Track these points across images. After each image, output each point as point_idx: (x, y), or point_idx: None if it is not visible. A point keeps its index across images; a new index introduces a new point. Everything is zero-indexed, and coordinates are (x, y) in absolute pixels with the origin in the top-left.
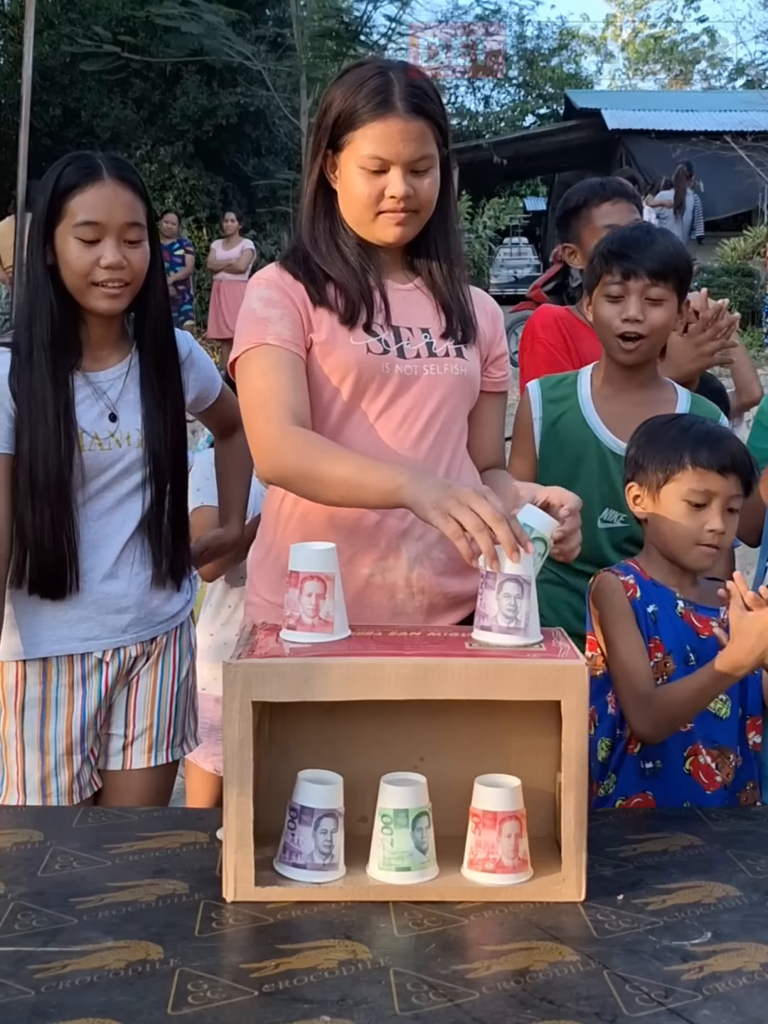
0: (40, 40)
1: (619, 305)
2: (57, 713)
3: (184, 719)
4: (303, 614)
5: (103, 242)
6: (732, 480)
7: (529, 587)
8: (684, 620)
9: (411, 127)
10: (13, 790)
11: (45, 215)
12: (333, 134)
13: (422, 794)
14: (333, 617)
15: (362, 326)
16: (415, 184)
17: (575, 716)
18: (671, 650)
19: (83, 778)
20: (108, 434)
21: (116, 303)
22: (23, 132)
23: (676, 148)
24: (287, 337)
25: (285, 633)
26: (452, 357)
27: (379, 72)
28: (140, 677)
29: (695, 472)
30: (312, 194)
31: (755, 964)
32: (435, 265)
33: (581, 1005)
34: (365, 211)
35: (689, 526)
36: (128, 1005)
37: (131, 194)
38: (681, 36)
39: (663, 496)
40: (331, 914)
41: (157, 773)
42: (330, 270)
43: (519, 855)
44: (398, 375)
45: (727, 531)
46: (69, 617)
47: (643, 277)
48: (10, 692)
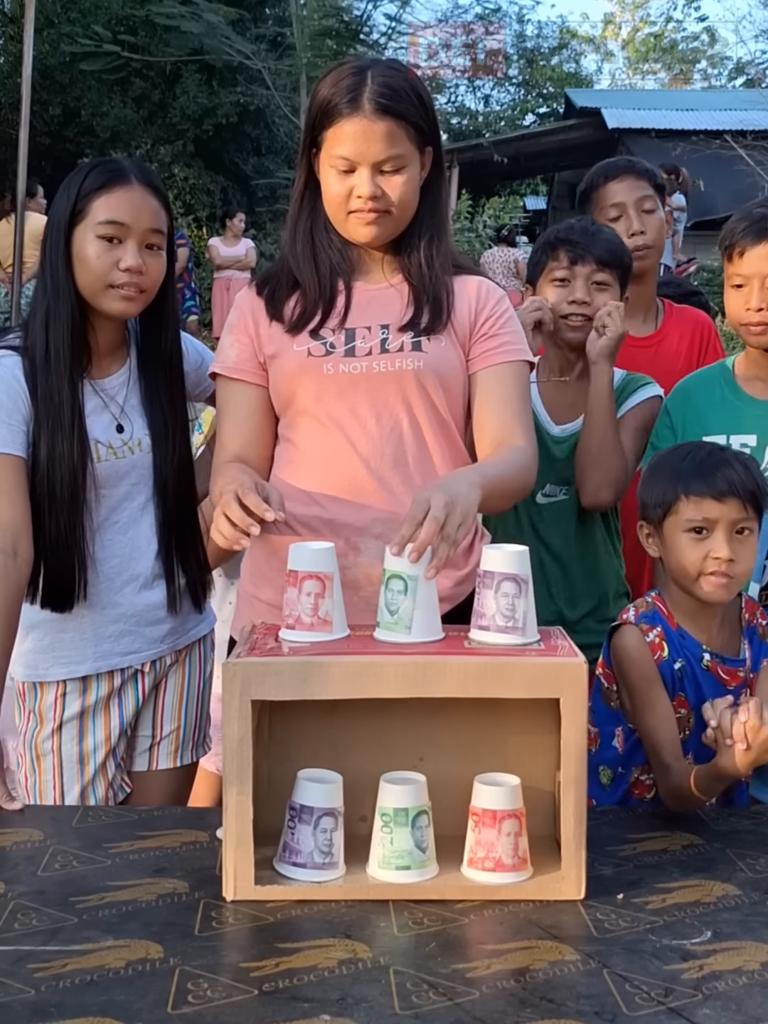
0: (40, 39)
1: (565, 289)
2: (95, 725)
3: (206, 719)
4: (302, 613)
5: (125, 244)
6: (732, 504)
7: (527, 586)
8: (711, 673)
9: (376, 128)
10: (49, 803)
11: (68, 215)
12: (313, 131)
13: (422, 793)
14: (332, 616)
15: (309, 332)
16: (384, 184)
17: (574, 713)
18: (695, 706)
19: (116, 783)
20: (121, 443)
21: (131, 306)
22: (23, 131)
23: (676, 147)
24: (232, 365)
25: (284, 633)
26: (407, 351)
27: (355, 71)
28: (168, 679)
29: (689, 502)
30: (299, 193)
31: (755, 963)
32: (418, 263)
33: (581, 1004)
34: (337, 210)
35: (693, 557)
36: (128, 1004)
37: (157, 202)
38: (681, 35)
39: (666, 531)
40: (331, 913)
41: (180, 773)
42: (298, 273)
43: (519, 853)
44: (343, 374)
45: (738, 557)
46: (111, 632)
47: (590, 262)
48: (48, 708)
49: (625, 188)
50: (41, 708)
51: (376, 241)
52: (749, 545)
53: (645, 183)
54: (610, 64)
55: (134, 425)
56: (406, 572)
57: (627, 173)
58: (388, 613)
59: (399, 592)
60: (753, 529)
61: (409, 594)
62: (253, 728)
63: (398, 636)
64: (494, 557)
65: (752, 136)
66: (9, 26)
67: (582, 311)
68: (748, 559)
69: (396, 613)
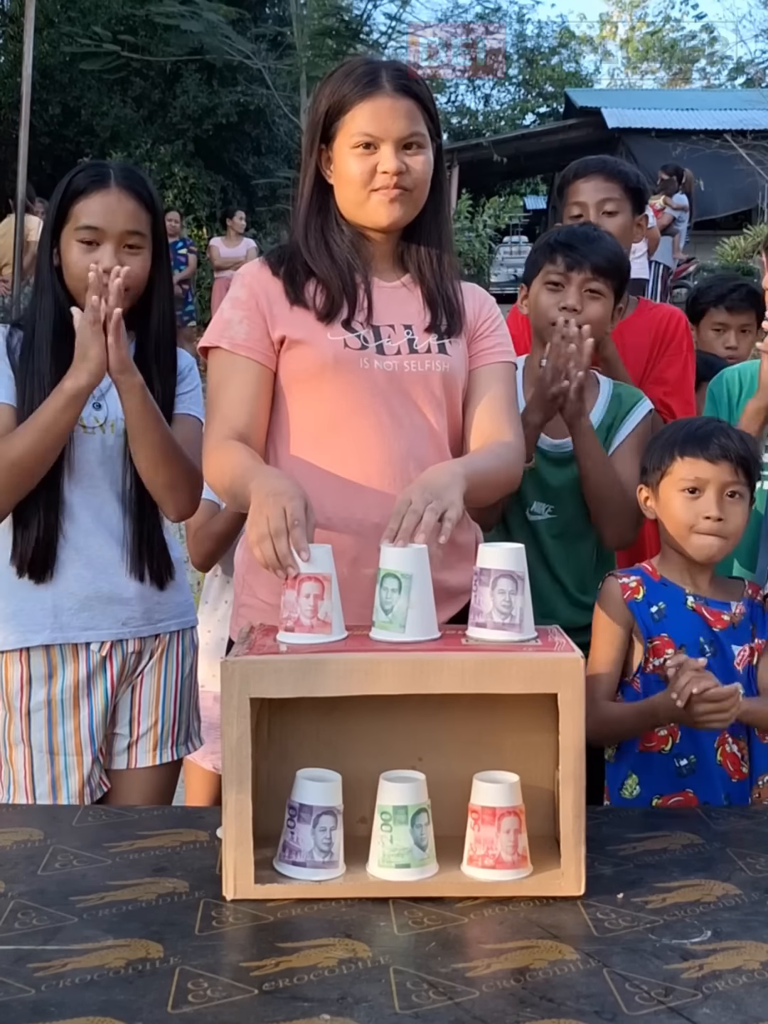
0: (40, 39)
1: (558, 294)
2: (64, 715)
3: (188, 717)
4: (301, 615)
5: (102, 247)
6: (724, 467)
7: (523, 583)
8: (696, 613)
9: (399, 104)
10: (22, 794)
11: (53, 218)
12: (324, 126)
13: (421, 791)
14: (331, 618)
15: (341, 323)
16: (407, 161)
17: (572, 709)
18: (682, 644)
19: (93, 780)
20: (94, 421)
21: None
22: (23, 131)
23: (676, 147)
24: (241, 342)
25: (283, 635)
26: (434, 353)
27: (367, 62)
28: (144, 676)
29: (684, 462)
30: (308, 192)
31: (755, 963)
32: (425, 259)
33: (581, 1003)
34: (359, 191)
35: (685, 514)
36: (128, 1003)
37: (135, 203)
38: (679, 34)
39: (662, 491)
40: (331, 913)
41: (161, 772)
42: (316, 267)
43: (518, 851)
44: (378, 371)
45: (727, 518)
46: (70, 605)
47: (586, 270)
48: (15, 695)
49: (591, 188)
50: (8, 693)
51: (397, 223)
52: (739, 508)
53: (615, 185)
54: (609, 64)
55: (110, 407)
56: (400, 571)
57: (597, 173)
58: (383, 612)
59: (393, 591)
60: (744, 494)
61: (403, 592)
62: (252, 727)
63: (393, 635)
64: (490, 554)
65: (752, 136)
66: (9, 26)
67: (571, 318)
68: (737, 521)
69: (391, 612)
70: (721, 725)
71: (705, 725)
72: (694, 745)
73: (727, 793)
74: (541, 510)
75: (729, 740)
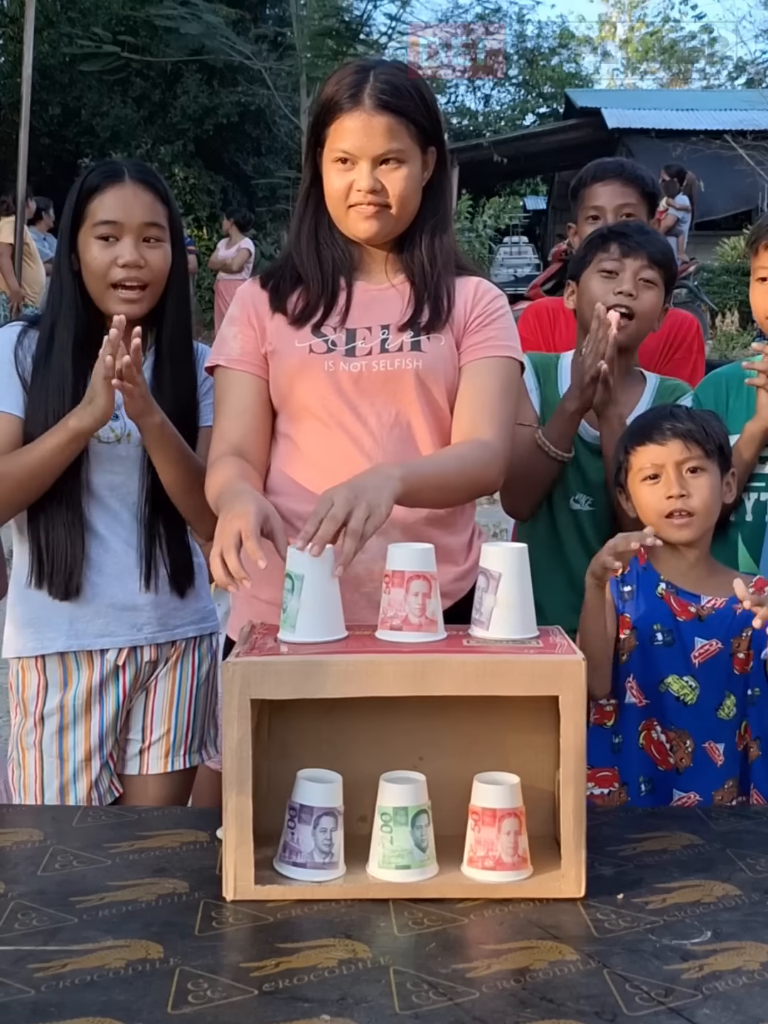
0: (40, 39)
1: (613, 281)
2: (76, 721)
3: (203, 725)
4: (410, 614)
5: (121, 241)
6: (674, 445)
7: (523, 583)
8: (663, 600)
9: (376, 122)
10: (32, 798)
11: (70, 220)
12: (316, 130)
13: (421, 792)
14: (438, 616)
15: (311, 328)
16: (383, 178)
17: (573, 711)
18: (636, 627)
19: (102, 785)
20: (110, 431)
21: (134, 307)
22: (23, 131)
23: (676, 147)
24: (235, 357)
25: (385, 633)
26: (405, 351)
27: (359, 69)
28: (158, 682)
29: (637, 452)
30: (304, 191)
31: (755, 963)
32: (421, 263)
33: (581, 1004)
34: (338, 205)
35: (652, 501)
36: (128, 1004)
37: (151, 196)
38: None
39: (630, 488)
40: (331, 913)
41: (173, 778)
42: (301, 267)
43: (519, 852)
44: (343, 373)
45: (691, 492)
46: (85, 613)
47: (641, 257)
48: (31, 700)
49: (608, 192)
50: (25, 699)
51: (376, 237)
52: (702, 481)
53: (632, 190)
54: (609, 64)
55: (127, 419)
56: (293, 571)
57: (615, 177)
58: (282, 611)
59: (288, 591)
60: (706, 468)
61: (295, 593)
62: (253, 728)
63: (285, 635)
64: (493, 555)
65: (752, 136)
66: (9, 26)
67: (627, 303)
68: (704, 493)
69: (285, 611)
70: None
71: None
72: (622, 725)
73: (649, 778)
74: (582, 501)
75: (657, 728)
